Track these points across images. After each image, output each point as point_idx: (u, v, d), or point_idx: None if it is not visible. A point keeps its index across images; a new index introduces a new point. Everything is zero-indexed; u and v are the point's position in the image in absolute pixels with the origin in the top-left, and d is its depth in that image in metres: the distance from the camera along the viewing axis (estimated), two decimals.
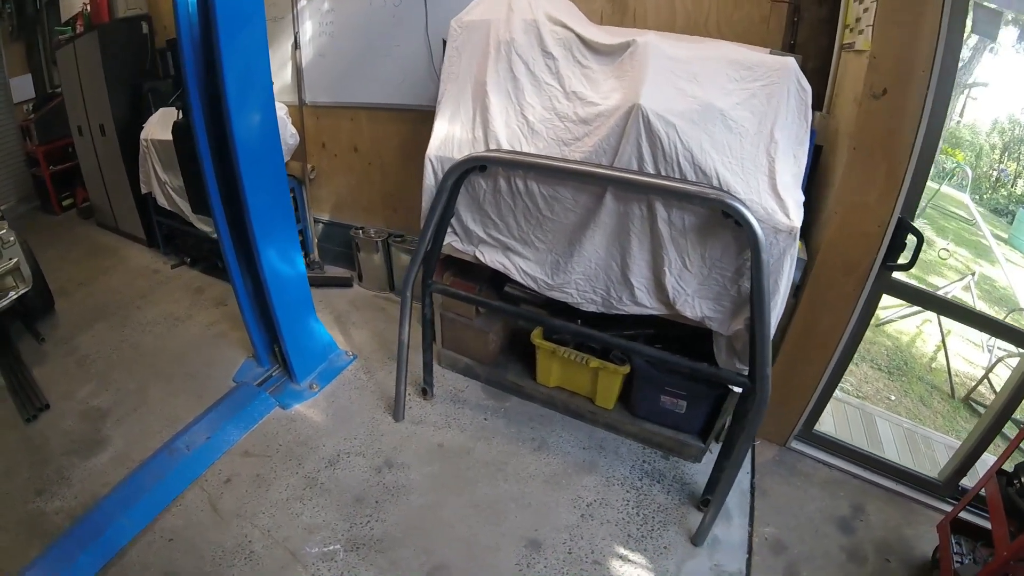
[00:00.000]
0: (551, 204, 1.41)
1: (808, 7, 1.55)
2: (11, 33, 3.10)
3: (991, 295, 3.45)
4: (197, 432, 1.73)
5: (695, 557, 1.44)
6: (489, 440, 1.77)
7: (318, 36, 2.28)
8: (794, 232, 1.21)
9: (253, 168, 1.58)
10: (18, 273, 2.10)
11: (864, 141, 1.33)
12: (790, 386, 1.65)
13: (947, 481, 1.66)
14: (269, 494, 1.57)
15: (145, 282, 2.68)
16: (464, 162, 1.39)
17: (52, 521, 1.48)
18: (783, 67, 1.27)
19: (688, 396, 1.62)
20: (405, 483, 1.61)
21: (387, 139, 2.34)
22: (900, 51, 1.23)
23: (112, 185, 2.90)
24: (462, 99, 1.51)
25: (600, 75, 1.38)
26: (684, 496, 1.61)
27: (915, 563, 1.48)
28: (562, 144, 1.38)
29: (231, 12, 1.39)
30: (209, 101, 1.53)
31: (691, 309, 1.37)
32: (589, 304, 1.50)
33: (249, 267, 1.81)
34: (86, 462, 1.67)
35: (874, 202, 1.37)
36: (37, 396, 1.92)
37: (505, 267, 1.57)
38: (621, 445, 1.77)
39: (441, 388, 1.98)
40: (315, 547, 1.43)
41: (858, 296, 1.49)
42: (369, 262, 2.55)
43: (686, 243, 1.31)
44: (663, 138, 1.23)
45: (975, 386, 2.52)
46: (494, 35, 1.46)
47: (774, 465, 1.74)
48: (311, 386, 1.98)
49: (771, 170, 1.24)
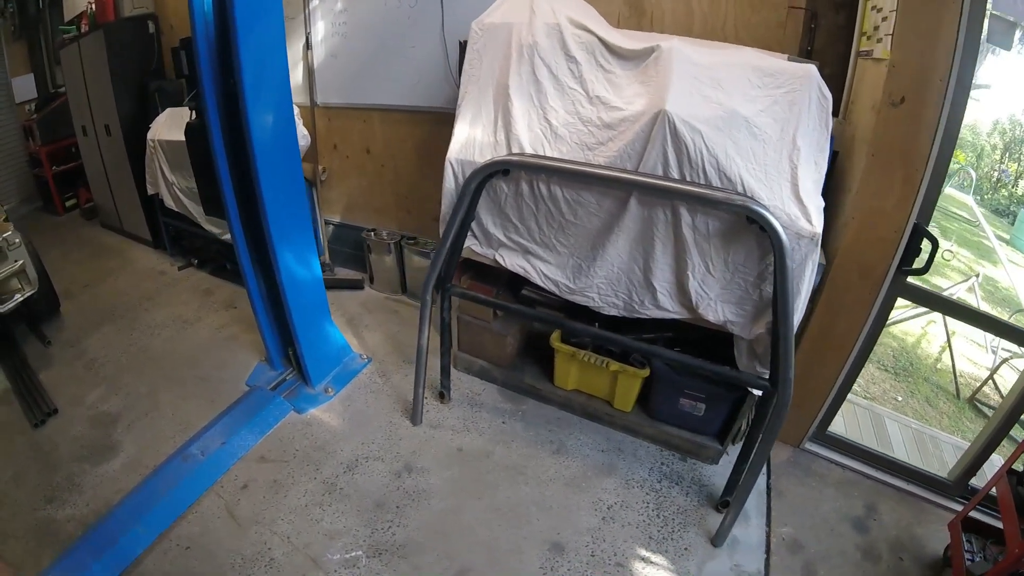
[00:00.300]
0: (574, 208, 1.42)
1: (825, 13, 1.57)
2: (13, 32, 3.05)
3: (993, 296, 3.52)
4: (211, 437, 1.71)
5: (715, 558, 1.46)
6: (508, 443, 1.77)
7: (330, 36, 2.26)
8: (816, 238, 1.23)
9: (270, 169, 1.57)
10: (24, 275, 2.06)
11: (882, 148, 1.35)
12: (806, 388, 1.67)
13: (957, 481, 1.68)
14: (287, 500, 1.56)
15: (152, 284, 2.65)
16: (488, 165, 1.39)
17: (64, 529, 1.46)
18: (805, 74, 1.28)
19: (707, 399, 1.64)
20: (425, 487, 1.61)
21: (401, 141, 2.34)
22: (919, 61, 1.25)
23: (117, 186, 2.86)
24: (483, 102, 1.51)
25: (623, 80, 1.38)
26: (703, 497, 1.62)
27: (927, 561, 1.50)
28: (585, 148, 1.38)
29: (249, 9, 1.37)
30: (224, 101, 1.51)
31: (713, 313, 1.38)
32: (610, 308, 1.51)
33: (263, 270, 1.80)
34: (97, 468, 1.65)
35: (891, 208, 1.39)
36: (45, 401, 1.89)
37: (526, 271, 1.57)
38: (639, 447, 1.78)
39: (457, 391, 1.97)
40: (337, 553, 1.42)
41: (874, 300, 1.51)
42: (381, 264, 2.54)
43: (710, 248, 1.32)
44: (689, 144, 1.24)
45: (980, 387, 2.56)
46: (516, 38, 1.46)
47: (789, 466, 1.76)
48: (326, 390, 1.97)
49: (794, 176, 1.26)
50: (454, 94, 1.92)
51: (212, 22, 1.44)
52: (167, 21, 2.72)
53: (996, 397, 2.50)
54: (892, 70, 1.28)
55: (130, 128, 2.59)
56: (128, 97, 2.58)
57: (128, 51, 2.56)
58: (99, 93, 2.61)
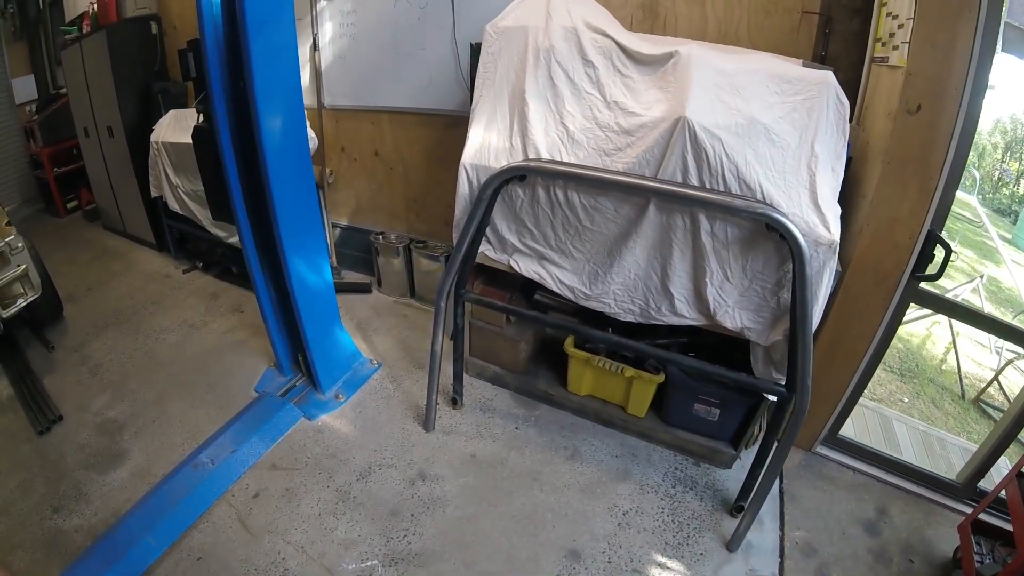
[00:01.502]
0: (591, 214, 1.41)
1: (840, 19, 1.57)
2: (14, 33, 3.00)
3: (996, 296, 3.54)
4: (222, 445, 1.69)
5: (731, 563, 1.46)
6: (522, 449, 1.77)
7: (339, 38, 2.24)
8: (834, 245, 1.23)
9: (281, 173, 1.55)
10: (27, 280, 2.03)
11: (898, 155, 1.35)
12: (818, 392, 1.66)
13: (965, 484, 1.70)
14: (300, 509, 1.55)
15: (157, 287, 2.62)
16: (505, 171, 1.38)
17: (71, 540, 1.44)
18: (823, 81, 1.28)
19: (721, 404, 1.64)
20: (440, 495, 1.60)
21: (411, 144, 2.32)
22: (935, 69, 1.25)
23: (120, 188, 2.83)
24: (498, 106, 1.50)
25: (641, 85, 1.38)
26: (717, 502, 1.62)
27: (937, 563, 1.51)
28: (603, 154, 1.38)
29: (260, 10, 1.34)
30: (234, 104, 1.49)
31: (731, 320, 1.38)
32: (626, 314, 1.51)
33: (273, 275, 1.78)
34: (104, 477, 1.62)
35: (906, 215, 1.40)
36: (50, 407, 1.86)
37: (541, 277, 1.56)
38: (653, 452, 1.78)
39: (469, 397, 1.96)
40: (352, 563, 1.41)
41: (887, 306, 1.52)
42: (389, 267, 2.52)
43: (728, 255, 1.32)
44: (709, 151, 1.23)
45: (985, 388, 2.58)
46: (532, 42, 1.45)
47: (801, 470, 1.76)
48: (337, 396, 1.95)
49: (812, 184, 1.26)
50: (465, 97, 1.91)
51: (221, 23, 1.41)
52: (170, 22, 2.68)
53: (1001, 398, 2.52)
54: (909, 78, 1.28)
55: (133, 130, 2.56)
56: (131, 98, 2.55)
57: (131, 52, 2.53)
58: (101, 94, 2.58)
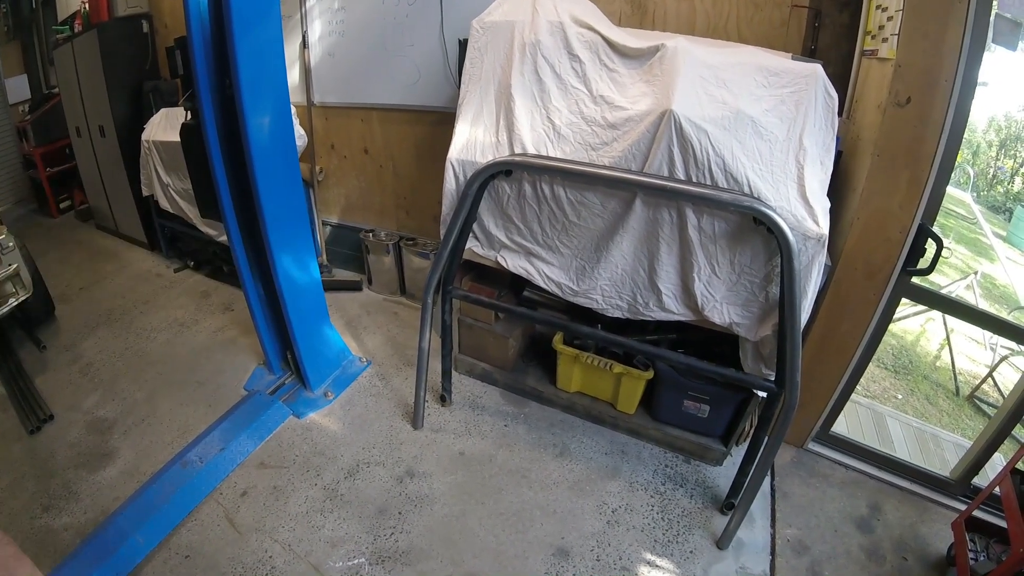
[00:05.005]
0: (578, 209, 1.40)
1: (830, 12, 1.56)
2: (6, 33, 3.01)
3: (991, 293, 3.53)
4: (210, 443, 1.69)
5: (721, 560, 1.45)
6: (511, 447, 1.76)
7: (328, 35, 2.23)
8: (823, 239, 1.21)
9: (268, 171, 1.54)
10: (18, 279, 2.03)
11: (888, 148, 1.34)
12: (809, 389, 1.65)
13: (959, 480, 1.68)
14: (288, 507, 1.54)
15: (148, 286, 2.62)
16: (491, 166, 1.37)
17: (61, 538, 1.44)
18: (811, 74, 1.27)
19: (711, 400, 1.63)
20: (428, 493, 1.59)
21: (400, 141, 2.31)
22: (925, 61, 1.24)
23: (112, 187, 2.83)
24: (485, 102, 1.49)
25: (627, 79, 1.37)
26: (707, 500, 1.61)
27: (931, 560, 1.50)
28: (589, 148, 1.37)
29: (246, 8, 1.34)
30: (221, 102, 1.48)
31: (719, 315, 1.37)
32: (614, 310, 1.49)
33: (261, 272, 1.77)
34: (94, 475, 1.62)
35: (897, 208, 1.38)
36: (40, 406, 1.86)
37: (528, 273, 1.55)
38: (643, 449, 1.77)
39: (459, 394, 1.96)
40: (339, 561, 1.41)
41: (878, 300, 1.50)
42: (379, 265, 2.52)
43: (716, 249, 1.31)
44: (695, 145, 1.22)
45: (979, 384, 2.57)
46: (519, 37, 1.44)
47: (793, 467, 1.75)
48: (326, 394, 1.95)
49: (800, 177, 1.24)
50: (454, 93, 1.90)
51: (208, 21, 1.41)
52: (161, 20, 2.68)
53: (995, 394, 2.51)
54: (898, 70, 1.26)
55: (124, 129, 2.56)
56: (122, 98, 2.54)
57: (122, 51, 2.52)
58: (93, 94, 2.58)
